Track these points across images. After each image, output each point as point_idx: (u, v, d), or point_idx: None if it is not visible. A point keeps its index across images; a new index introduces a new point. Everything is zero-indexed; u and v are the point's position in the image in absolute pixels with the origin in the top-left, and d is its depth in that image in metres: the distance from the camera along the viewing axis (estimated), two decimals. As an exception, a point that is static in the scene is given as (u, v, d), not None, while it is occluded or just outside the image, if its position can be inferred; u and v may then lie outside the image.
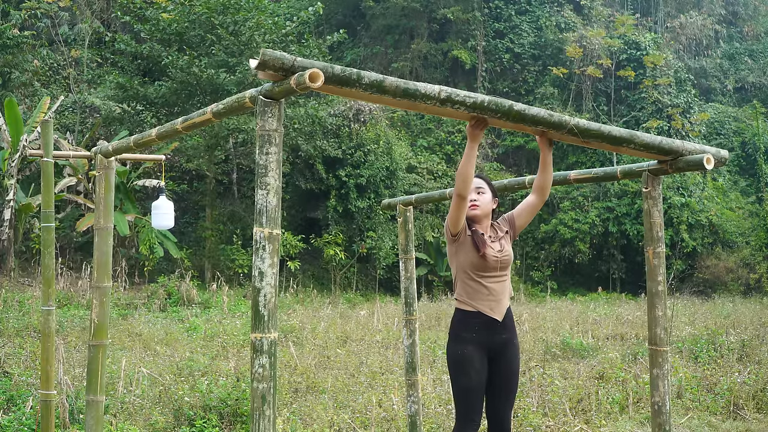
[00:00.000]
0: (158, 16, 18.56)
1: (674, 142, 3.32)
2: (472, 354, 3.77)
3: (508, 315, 3.88)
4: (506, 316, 3.87)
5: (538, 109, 2.93)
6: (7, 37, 18.24)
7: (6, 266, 16.03)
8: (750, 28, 34.36)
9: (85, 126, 20.62)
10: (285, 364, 8.10)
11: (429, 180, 23.47)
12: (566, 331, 11.29)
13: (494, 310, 3.81)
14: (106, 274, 3.90)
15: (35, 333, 9.52)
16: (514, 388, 3.91)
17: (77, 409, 5.65)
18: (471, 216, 3.87)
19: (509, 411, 3.92)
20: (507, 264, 3.89)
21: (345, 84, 2.46)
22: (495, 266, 3.83)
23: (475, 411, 3.78)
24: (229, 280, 18.20)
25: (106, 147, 3.96)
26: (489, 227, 3.96)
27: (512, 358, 3.87)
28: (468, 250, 3.83)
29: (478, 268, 3.82)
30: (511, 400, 3.93)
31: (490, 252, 3.83)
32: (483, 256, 3.80)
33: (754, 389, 6.93)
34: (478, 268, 3.82)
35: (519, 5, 28.03)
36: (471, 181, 3.72)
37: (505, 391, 3.87)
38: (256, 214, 2.46)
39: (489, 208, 3.92)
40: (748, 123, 29.06)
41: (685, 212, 23.33)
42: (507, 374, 3.86)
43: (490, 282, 3.83)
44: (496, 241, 3.90)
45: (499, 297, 3.84)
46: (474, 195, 3.86)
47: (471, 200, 3.83)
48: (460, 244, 3.85)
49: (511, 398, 3.93)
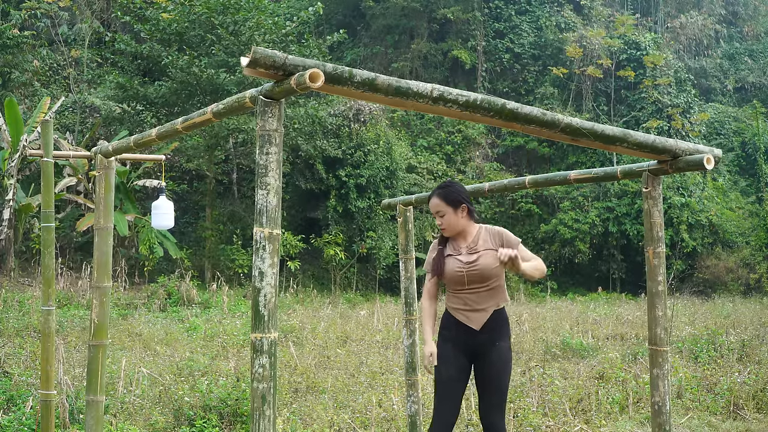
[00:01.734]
0: (158, 16, 18.56)
1: (667, 141, 3.31)
2: (449, 351, 3.91)
3: (491, 320, 3.88)
4: (489, 321, 3.88)
5: (531, 108, 2.93)
6: (7, 37, 18.24)
7: (6, 266, 16.03)
8: (750, 28, 34.36)
9: (85, 126, 20.62)
10: (285, 364, 8.10)
11: (429, 180, 23.46)
12: (566, 331, 11.29)
13: (471, 319, 3.88)
14: (106, 274, 3.89)
15: (35, 333, 9.52)
16: (497, 390, 3.86)
17: (77, 409, 5.65)
18: (447, 236, 4.00)
19: (497, 414, 3.84)
20: (476, 278, 3.86)
21: (337, 82, 2.45)
22: (461, 281, 3.88)
23: (443, 404, 3.85)
24: (229, 280, 18.20)
25: (106, 147, 3.96)
26: (472, 235, 3.95)
27: (495, 360, 3.86)
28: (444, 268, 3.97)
29: (448, 282, 3.96)
30: (496, 402, 3.85)
31: (451, 268, 3.90)
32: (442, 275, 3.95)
33: (754, 389, 6.93)
34: (448, 282, 3.96)
35: (519, 5, 28.02)
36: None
37: (487, 392, 3.86)
38: (256, 214, 2.46)
39: (457, 222, 3.91)
40: (748, 123, 29.06)
41: (685, 212, 23.33)
42: (489, 375, 3.86)
43: (464, 293, 3.91)
44: (473, 252, 3.90)
45: (475, 307, 3.89)
46: (438, 219, 3.96)
47: (438, 223, 3.98)
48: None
49: (496, 400, 3.85)
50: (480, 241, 3.92)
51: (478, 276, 3.85)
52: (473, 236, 3.94)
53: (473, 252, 3.89)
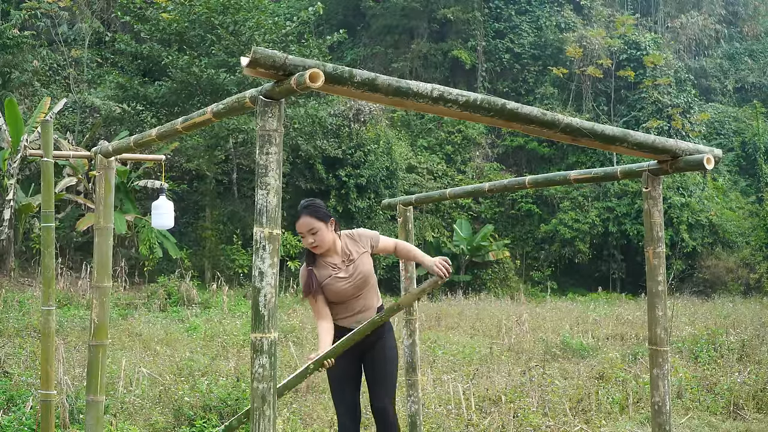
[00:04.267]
0: (158, 16, 18.56)
1: (667, 141, 3.31)
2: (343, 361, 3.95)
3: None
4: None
5: (531, 108, 2.92)
6: (7, 37, 18.23)
7: (6, 266, 16.03)
8: (750, 28, 34.35)
9: (85, 126, 20.62)
10: (285, 364, 8.10)
11: (429, 180, 23.48)
12: (566, 331, 11.29)
13: (363, 321, 3.95)
14: (106, 274, 3.89)
15: (35, 333, 9.51)
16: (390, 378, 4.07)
17: (77, 409, 5.65)
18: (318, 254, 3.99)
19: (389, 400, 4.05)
20: (362, 284, 3.98)
21: (337, 82, 2.45)
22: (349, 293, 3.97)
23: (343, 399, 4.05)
24: (229, 280, 18.19)
25: (106, 147, 3.95)
26: (339, 246, 4.00)
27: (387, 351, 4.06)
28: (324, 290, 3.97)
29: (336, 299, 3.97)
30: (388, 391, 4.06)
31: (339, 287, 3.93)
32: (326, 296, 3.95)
33: (754, 389, 6.93)
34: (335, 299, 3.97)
35: (519, 5, 28.02)
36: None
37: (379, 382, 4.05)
38: (256, 214, 2.46)
39: (328, 240, 3.95)
40: (748, 123, 29.06)
41: (685, 212, 23.33)
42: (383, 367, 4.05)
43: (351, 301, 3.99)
44: (350, 262, 3.97)
45: (363, 309, 4.02)
46: (309, 239, 3.92)
47: (309, 243, 3.93)
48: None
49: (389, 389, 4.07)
50: (351, 250, 4.00)
51: (363, 281, 3.98)
52: (340, 248, 4.01)
53: (350, 262, 3.97)
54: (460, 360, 8.99)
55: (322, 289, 3.94)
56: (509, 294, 20.17)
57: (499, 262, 22.55)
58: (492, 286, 21.82)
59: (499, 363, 8.58)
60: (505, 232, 23.98)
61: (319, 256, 4.00)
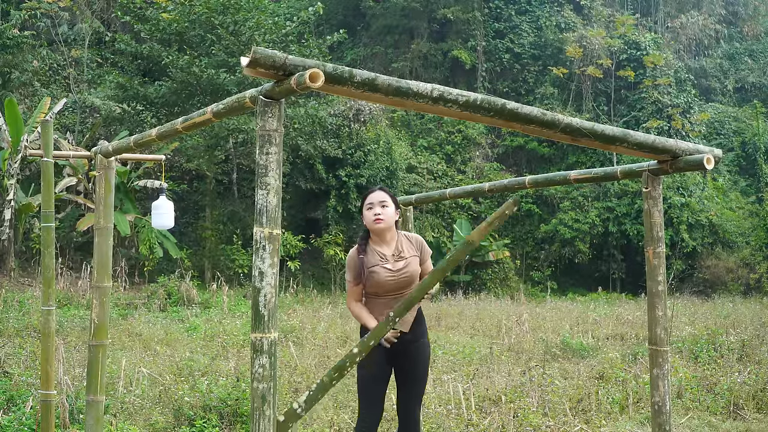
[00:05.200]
0: (158, 16, 18.56)
1: (667, 141, 3.31)
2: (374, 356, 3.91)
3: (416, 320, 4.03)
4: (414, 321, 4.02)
5: (531, 108, 2.92)
6: (7, 37, 18.23)
7: (6, 266, 16.04)
8: (750, 28, 34.35)
9: (85, 126, 20.62)
10: (285, 364, 8.09)
11: (429, 180, 23.47)
12: (566, 331, 11.29)
13: (400, 322, 3.93)
14: (106, 274, 3.89)
15: (35, 333, 9.51)
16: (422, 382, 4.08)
17: (77, 409, 5.65)
18: (375, 230, 3.96)
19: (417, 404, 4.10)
20: (405, 284, 3.95)
21: (337, 82, 2.45)
22: (391, 288, 3.95)
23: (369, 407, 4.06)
24: (229, 280, 18.20)
25: (106, 147, 3.95)
26: (394, 241, 4.01)
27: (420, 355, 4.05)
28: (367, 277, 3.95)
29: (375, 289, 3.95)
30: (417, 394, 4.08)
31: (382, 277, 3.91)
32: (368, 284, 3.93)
33: (754, 389, 6.93)
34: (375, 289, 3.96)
35: (519, 5, 28.02)
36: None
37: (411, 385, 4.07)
38: (256, 214, 2.46)
39: (392, 220, 3.97)
40: (748, 123, 29.06)
41: (685, 212, 23.33)
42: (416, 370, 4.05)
43: (389, 298, 3.96)
44: (400, 259, 3.97)
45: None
46: (378, 209, 3.93)
47: (375, 214, 3.92)
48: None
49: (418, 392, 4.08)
50: (404, 249, 4.00)
51: (407, 282, 3.96)
52: (395, 242, 4.01)
53: (400, 259, 3.97)
54: (460, 360, 8.98)
55: (366, 277, 3.93)
56: (509, 294, 20.17)
57: (499, 262, 22.55)
58: (492, 286, 21.82)
59: (499, 363, 8.58)
60: (505, 232, 23.98)
61: (371, 244, 3.99)
